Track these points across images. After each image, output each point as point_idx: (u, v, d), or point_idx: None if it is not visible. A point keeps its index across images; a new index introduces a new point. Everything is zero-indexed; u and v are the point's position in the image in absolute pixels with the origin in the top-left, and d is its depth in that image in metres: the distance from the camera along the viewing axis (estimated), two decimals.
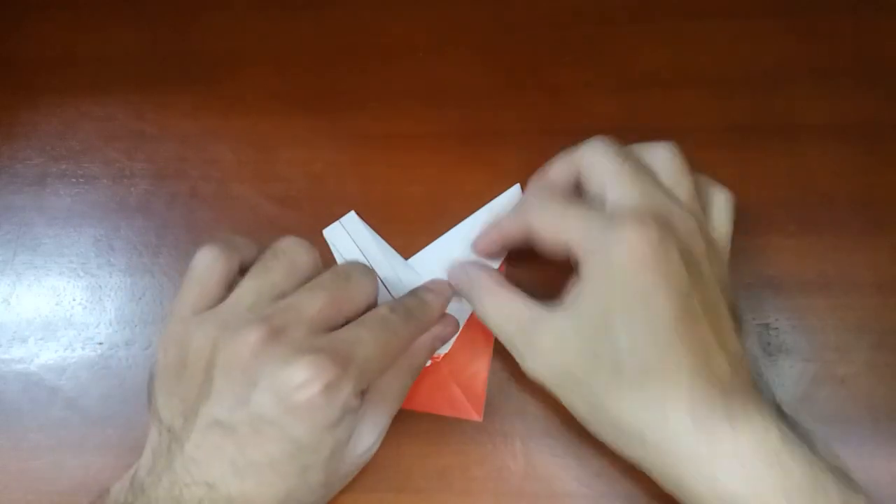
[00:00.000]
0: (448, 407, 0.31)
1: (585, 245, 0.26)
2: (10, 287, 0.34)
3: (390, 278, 0.32)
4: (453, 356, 0.31)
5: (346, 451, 0.26)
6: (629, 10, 0.37)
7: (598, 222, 0.25)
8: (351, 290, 0.27)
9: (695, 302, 0.24)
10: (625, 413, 0.25)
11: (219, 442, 0.24)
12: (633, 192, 0.26)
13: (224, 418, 0.24)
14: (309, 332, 0.25)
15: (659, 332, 0.24)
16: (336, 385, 0.24)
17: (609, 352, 0.25)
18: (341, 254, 0.33)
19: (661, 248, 0.24)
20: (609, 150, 0.27)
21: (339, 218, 0.34)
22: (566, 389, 0.26)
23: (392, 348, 0.27)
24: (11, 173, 0.36)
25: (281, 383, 0.24)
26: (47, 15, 0.38)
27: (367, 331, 0.26)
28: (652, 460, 0.25)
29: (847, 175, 0.33)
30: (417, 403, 0.31)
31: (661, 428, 0.24)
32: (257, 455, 0.24)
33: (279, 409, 0.24)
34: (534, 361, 0.27)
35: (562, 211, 0.27)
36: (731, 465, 0.23)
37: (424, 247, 0.33)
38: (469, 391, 0.31)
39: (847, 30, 0.36)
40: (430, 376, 0.31)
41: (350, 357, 0.25)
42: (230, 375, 0.24)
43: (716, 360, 0.24)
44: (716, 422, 0.24)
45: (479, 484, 0.30)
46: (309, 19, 0.37)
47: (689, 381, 0.24)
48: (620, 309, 0.24)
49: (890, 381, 0.30)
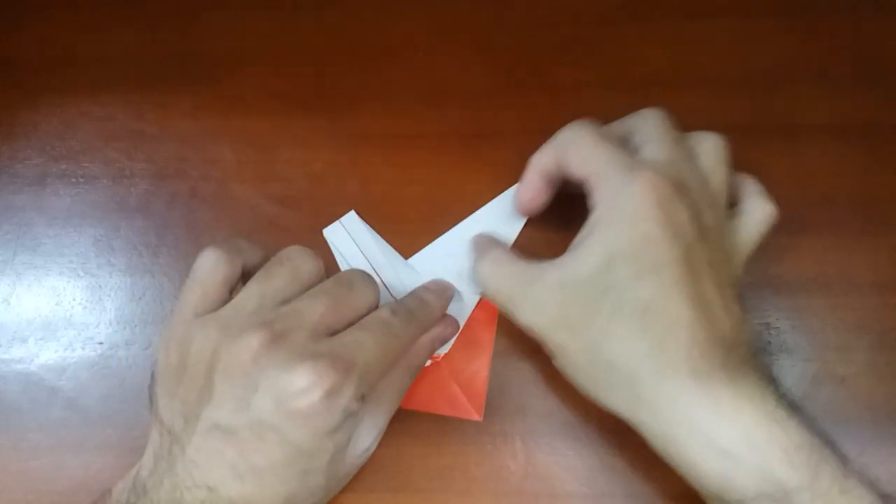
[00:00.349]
0: (448, 407, 0.31)
1: (603, 183, 0.26)
2: (10, 287, 0.34)
3: (390, 278, 0.32)
4: (453, 356, 0.31)
5: (346, 454, 0.26)
6: (629, 10, 0.37)
7: (622, 163, 0.26)
8: (353, 296, 0.27)
9: (699, 258, 0.25)
10: (621, 353, 0.25)
11: (220, 445, 0.24)
12: (664, 154, 0.26)
13: (225, 422, 0.24)
14: (310, 338, 0.25)
15: (662, 275, 0.24)
16: (337, 391, 0.24)
17: (611, 291, 0.25)
18: (341, 253, 0.33)
19: (672, 200, 0.25)
20: (663, 121, 0.28)
21: (339, 217, 0.34)
22: (561, 335, 0.26)
23: (393, 351, 0.27)
24: (11, 173, 0.36)
25: (282, 389, 0.23)
26: (47, 15, 0.38)
27: (369, 335, 0.26)
28: (643, 411, 0.25)
29: (847, 175, 0.33)
30: (417, 403, 0.31)
31: (657, 372, 0.24)
32: (258, 459, 0.24)
33: (280, 415, 0.24)
34: (530, 311, 0.27)
35: (594, 143, 0.27)
36: (730, 422, 0.23)
37: (424, 247, 0.33)
38: (469, 391, 0.31)
39: (847, 30, 0.36)
40: (430, 376, 0.31)
41: (351, 362, 0.24)
42: (231, 379, 0.24)
43: (717, 317, 0.24)
44: (714, 374, 0.24)
45: (479, 484, 0.30)
46: (309, 19, 0.37)
47: (689, 329, 0.24)
48: (626, 250, 0.25)
49: (890, 381, 0.30)
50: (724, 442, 0.23)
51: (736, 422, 0.23)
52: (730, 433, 0.23)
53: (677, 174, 0.26)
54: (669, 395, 0.24)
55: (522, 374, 0.31)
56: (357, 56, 0.37)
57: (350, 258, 0.33)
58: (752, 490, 0.23)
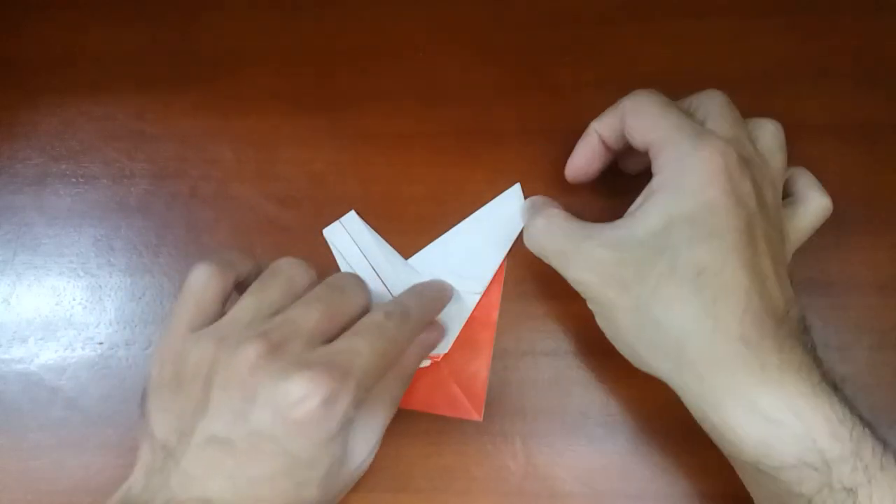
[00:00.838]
0: (448, 407, 0.31)
1: (667, 148, 0.26)
2: (10, 287, 0.34)
3: (391, 278, 0.32)
4: (453, 356, 0.31)
5: (342, 467, 0.26)
6: (629, 10, 0.37)
7: (689, 130, 0.26)
8: (345, 301, 0.27)
9: (758, 230, 0.25)
10: (672, 314, 0.24)
11: (216, 457, 0.24)
12: (729, 130, 0.26)
13: (222, 433, 0.24)
14: (306, 346, 0.25)
15: (722, 238, 0.24)
16: (334, 398, 0.24)
17: (667, 253, 0.25)
18: (341, 253, 0.33)
19: (737, 171, 0.25)
20: (726, 100, 0.28)
21: (339, 217, 0.34)
22: (610, 293, 0.26)
23: (389, 355, 0.27)
24: (11, 173, 0.36)
25: (280, 398, 0.24)
26: (47, 15, 0.38)
27: (364, 340, 0.26)
28: (686, 373, 0.25)
29: (847, 175, 0.33)
30: (417, 403, 0.31)
31: (706, 335, 0.24)
32: (255, 470, 0.24)
33: (278, 424, 0.24)
34: (581, 266, 0.27)
35: (661, 110, 0.27)
36: (775, 388, 0.23)
37: (424, 246, 0.33)
38: (469, 391, 0.31)
39: (847, 30, 0.35)
40: (430, 376, 0.31)
41: (348, 369, 0.24)
42: (229, 391, 0.24)
43: (772, 290, 0.25)
44: (763, 342, 0.24)
45: (479, 484, 0.30)
46: (309, 19, 0.37)
47: (743, 295, 0.24)
48: (688, 214, 0.25)
49: (890, 381, 0.30)
50: (768, 408, 0.23)
51: (782, 389, 0.23)
52: (775, 400, 0.23)
53: (742, 148, 0.26)
54: (716, 357, 0.24)
55: (522, 374, 0.31)
56: (357, 56, 0.37)
57: (350, 258, 0.33)
58: (793, 458, 0.23)
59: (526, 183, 0.33)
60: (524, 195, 0.33)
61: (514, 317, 0.32)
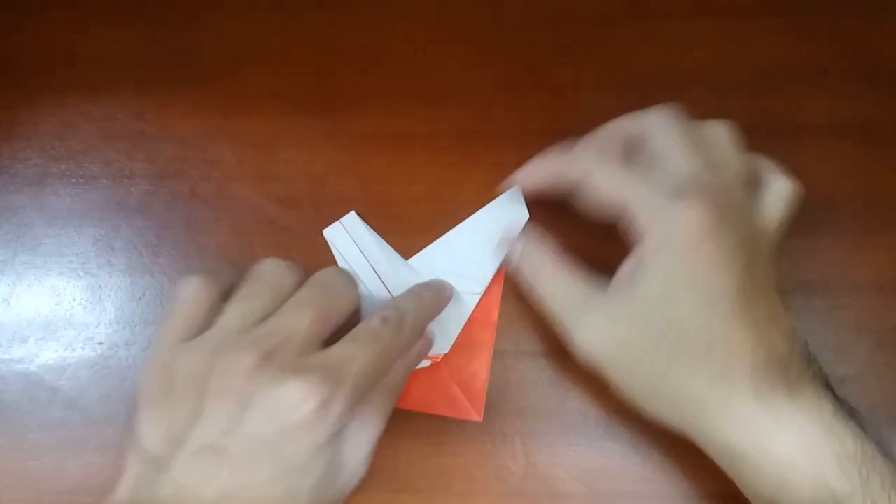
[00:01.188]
0: (448, 407, 0.31)
1: (646, 214, 0.26)
2: (10, 287, 0.34)
3: (391, 278, 0.32)
4: (452, 356, 0.31)
5: (334, 477, 0.26)
6: (629, 10, 0.37)
7: (662, 192, 0.26)
8: (335, 301, 0.27)
9: (753, 278, 0.25)
10: (686, 386, 0.25)
11: (210, 465, 0.24)
12: (696, 163, 0.26)
13: (216, 441, 0.24)
14: (300, 351, 0.25)
15: (723, 306, 0.24)
16: (329, 404, 0.24)
17: (672, 328, 0.25)
18: (341, 253, 0.33)
19: (724, 224, 0.25)
20: (678, 120, 0.28)
21: (339, 218, 0.34)
22: (619, 366, 0.26)
23: (384, 361, 0.27)
24: (11, 173, 0.36)
25: (275, 404, 0.24)
26: (47, 15, 0.38)
27: (359, 347, 0.26)
28: (706, 429, 0.25)
29: (847, 175, 0.33)
30: (417, 404, 0.31)
31: (721, 398, 0.25)
32: (248, 477, 0.24)
33: (273, 429, 0.24)
34: (585, 340, 0.27)
35: (625, 171, 0.27)
36: (788, 435, 0.24)
37: (425, 247, 0.33)
38: (469, 391, 0.31)
39: (847, 30, 0.35)
40: (430, 376, 0.31)
41: (342, 375, 0.25)
42: (224, 399, 0.24)
43: (773, 335, 0.25)
44: (774, 393, 0.24)
45: (479, 484, 0.30)
46: (309, 19, 0.37)
47: (751, 356, 0.24)
48: (684, 283, 0.25)
49: (890, 381, 0.30)
50: (783, 454, 0.24)
51: (794, 435, 0.24)
52: (789, 446, 0.24)
53: (716, 185, 0.26)
54: (733, 415, 0.25)
55: (522, 374, 0.31)
56: (357, 56, 0.37)
57: (350, 259, 0.33)
58: (806, 496, 0.23)
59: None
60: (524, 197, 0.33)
61: (514, 317, 0.32)
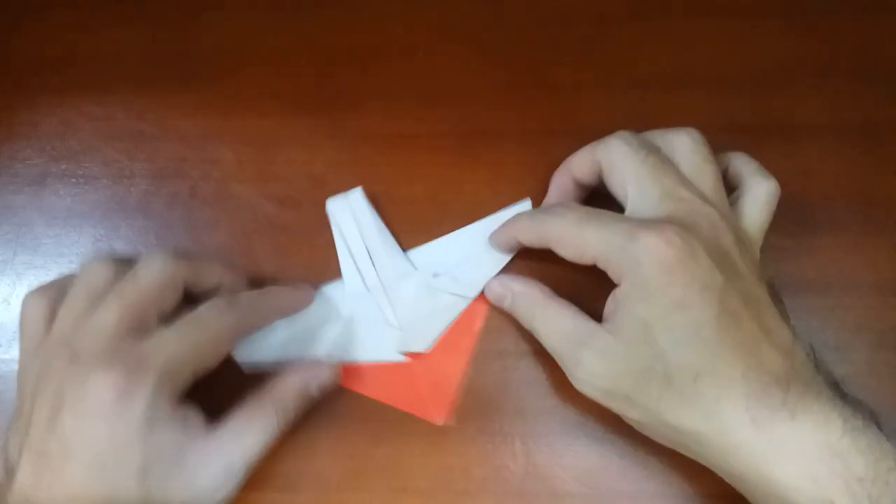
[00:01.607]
0: (412, 405, 0.31)
1: (612, 262, 0.26)
2: (10, 287, 0.34)
3: (383, 265, 0.32)
4: (429, 356, 0.31)
5: (179, 477, 0.25)
6: (629, 10, 0.37)
7: (618, 238, 0.25)
8: (142, 287, 0.27)
9: (733, 298, 0.24)
10: (682, 420, 0.25)
11: (37, 469, 0.25)
12: (652, 193, 0.26)
13: (39, 445, 0.25)
14: (109, 346, 0.25)
15: (703, 335, 0.24)
16: (131, 391, 0.24)
17: (656, 364, 0.25)
18: (339, 228, 0.33)
19: (687, 251, 0.24)
20: (629, 148, 0.27)
21: None
22: (618, 403, 0.26)
23: (203, 345, 0.27)
24: (11, 173, 0.36)
25: (83, 398, 0.24)
26: (47, 15, 0.38)
27: (173, 332, 0.26)
28: (713, 458, 0.25)
29: (847, 175, 0.33)
30: (385, 396, 0.31)
31: (719, 430, 0.24)
32: (69, 476, 0.24)
33: (83, 424, 0.24)
34: (582, 380, 0.27)
35: (578, 226, 0.27)
36: (792, 460, 0.23)
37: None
38: (437, 393, 0.31)
39: (847, 30, 0.36)
40: (401, 373, 0.31)
41: (147, 363, 0.25)
42: (43, 405, 0.25)
43: (766, 352, 0.24)
44: (774, 417, 0.24)
45: (479, 484, 0.30)
46: (309, 19, 0.37)
47: (742, 380, 0.24)
48: (659, 321, 0.25)
49: (890, 381, 0.30)
50: (787, 479, 0.23)
51: (798, 459, 0.23)
52: (792, 470, 0.23)
53: (675, 211, 0.26)
54: (733, 444, 0.24)
55: (522, 374, 0.31)
56: (357, 56, 0.37)
57: (347, 235, 0.32)
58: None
59: (526, 183, 0.33)
60: (532, 201, 0.33)
61: (513, 317, 0.32)
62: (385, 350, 0.31)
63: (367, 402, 0.31)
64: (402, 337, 0.31)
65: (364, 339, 0.31)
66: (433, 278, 0.32)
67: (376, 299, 0.32)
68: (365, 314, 0.32)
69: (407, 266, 0.32)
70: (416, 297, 0.32)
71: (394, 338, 0.31)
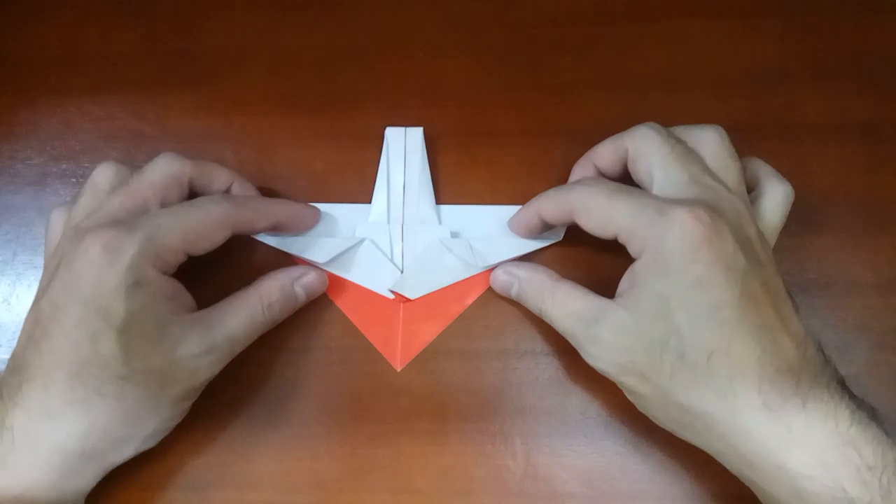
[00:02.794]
0: (380, 342, 0.32)
1: (637, 235, 0.26)
2: (10, 287, 0.34)
3: (412, 203, 0.33)
4: (414, 305, 0.32)
5: (160, 345, 0.26)
6: (629, 10, 0.37)
7: (648, 211, 0.26)
8: (144, 177, 0.28)
9: (754, 283, 0.25)
10: (692, 399, 0.25)
11: (28, 326, 0.26)
12: (679, 178, 0.26)
13: (34, 303, 0.26)
14: (108, 219, 0.27)
15: (721, 315, 0.24)
16: (117, 246, 0.25)
17: (672, 340, 0.25)
18: (388, 156, 0.34)
19: (715, 231, 0.24)
20: (658, 136, 0.28)
21: None
22: (631, 379, 0.26)
23: (194, 221, 0.27)
24: (11, 173, 0.36)
25: (73, 256, 0.26)
26: (47, 15, 0.38)
27: (168, 210, 0.27)
28: (719, 444, 0.25)
29: (847, 175, 0.33)
30: (360, 321, 0.32)
31: (730, 412, 0.24)
32: (52, 325, 0.25)
33: (69, 278, 0.25)
34: (596, 355, 0.27)
35: (608, 197, 0.27)
36: (803, 447, 0.23)
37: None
38: (407, 341, 0.32)
39: (847, 30, 0.36)
40: (386, 309, 0.32)
41: (136, 226, 0.26)
42: (47, 270, 0.27)
43: (781, 341, 0.24)
44: (786, 404, 0.24)
45: (479, 484, 0.30)
46: (309, 19, 0.37)
47: (757, 363, 0.24)
48: (680, 298, 0.25)
49: (890, 381, 0.30)
50: (798, 466, 0.23)
51: (809, 446, 0.23)
52: (803, 457, 0.23)
53: (704, 195, 0.26)
54: (743, 428, 0.24)
55: (522, 374, 0.31)
56: (357, 56, 0.37)
57: (392, 168, 0.34)
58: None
59: (526, 183, 0.33)
60: (526, 197, 0.33)
61: (514, 317, 0.32)
62: (378, 282, 0.32)
63: (366, 402, 0.31)
64: (398, 276, 0.32)
65: (364, 263, 0.32)
66: (450, 237, 0.33)
67: (391, 234, 0.33)
68: (375, 243, 0.33)
69: (432, 216, 0.33)
70: (428, 248, 0.32)
71: (390, 273, 0.32)
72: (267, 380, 0.31)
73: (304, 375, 0.31)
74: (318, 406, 0.31)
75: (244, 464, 0.30)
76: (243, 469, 0.30)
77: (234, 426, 0.30)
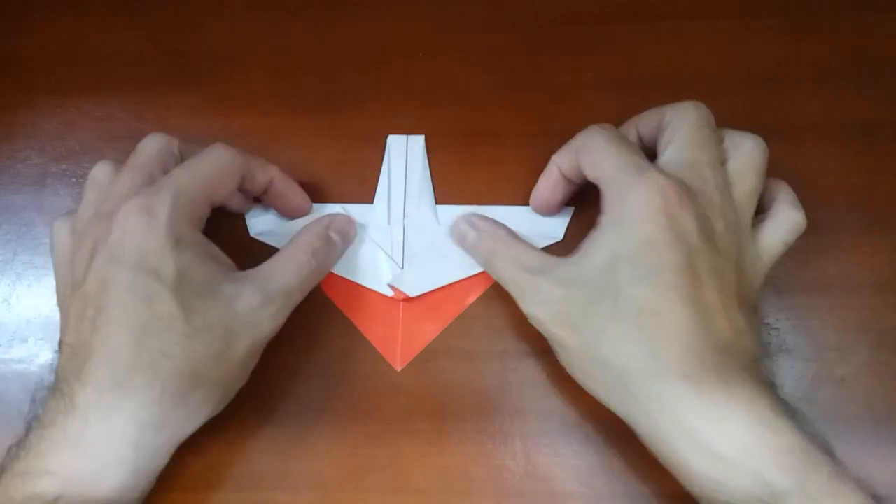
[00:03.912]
0: (379, 341, 0.32)
1: (611, 188, 0.27)
2: (10, 287, 0.34)
3: (413, 207, 0.33)
4: (417, 304, 0.32)
5: (216, 302, 0.26)
6: (629, 10, 0.37)
7: (630, 168, 0.26)
8: (142, 155, 0.29)
9: (703, 264, 0.25)
10: (614, 352, 0.25)
11: (79, 305, 0.26)
12: (686, 158, 0.27)
13: (78, 285, 0.26)
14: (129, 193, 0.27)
15: (661, 278, 0.24)
16: (151, 206, 0.25)
17: (611, 291, 0.25)
18: (389, 162, 0.34)
19: (676, 207, 0.25)
20: (698, 115, 0.28)
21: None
22: (561, 332, 0.27)
23: (207, 168, 0.28)
24: (11, 173, 0.36)
25: (109, 234, 0.25)
26: (47, 15, 0.38)
27: (179, 167, 0.28)
28: (636, 410, 0.25)
29: (847, 175, 0.33)
30: (360, 320, 0.32)
31: (647, 374, 0.24)
32: (104, 300, 0.25)
33: (110, 247, 0.25)
34: (534, 303, 0.27)
35: (607, 141, 0.28)
36: (721, 424, 0.23)
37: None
38: (407, 341, 0.32)
39: (847, 30, 0.36)
40: (386, 308, 0.32)
41: (159, 187, 0.26)
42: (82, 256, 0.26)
43: (716, 323, 0.24)
44: (705, 378, 0.24)
45: (479, 484, 0.30)
46: (309, 19, 0.37)
47: (684, 335, 0.24)
48: (628, 252, 0.25)
49: (890, 381, 0.30)
50: (715, 446, 0.23)
51: (728, 426, 0.23)
52: (722, 437, 0.23)
53: (689, 179, 0.26)
54: (660, 396, 0.24)
55: (522, 374, 0.31)
56: (357, 56, 0.37)
57: (394, 172, 0.34)
58: (743, 493, 0.23)
59: (526, 183, 0.33)
60: (526, 197, 0.33)
61: (514, 317, 0.32)
62: (378, 280, 0.32)
63: (366, 402, 0.31)
64: (398, 273, 0.32)
65: (365, 262, 0.33)
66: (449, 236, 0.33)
67: (392, 235, 0.33)
68: (376, 244, 0.33)
69: (433, 220, 0.33)
70: (428, 247, 0.33)
71: (391, 271, 0.32)
72: (266, 379, 0.31)
73: (303, 375, 0.31)
74: (317, 406, 0.31)
75: (244, 464, 0.30)
76: (243, 469, 0.30)
77: (234, 426, 0.30)
